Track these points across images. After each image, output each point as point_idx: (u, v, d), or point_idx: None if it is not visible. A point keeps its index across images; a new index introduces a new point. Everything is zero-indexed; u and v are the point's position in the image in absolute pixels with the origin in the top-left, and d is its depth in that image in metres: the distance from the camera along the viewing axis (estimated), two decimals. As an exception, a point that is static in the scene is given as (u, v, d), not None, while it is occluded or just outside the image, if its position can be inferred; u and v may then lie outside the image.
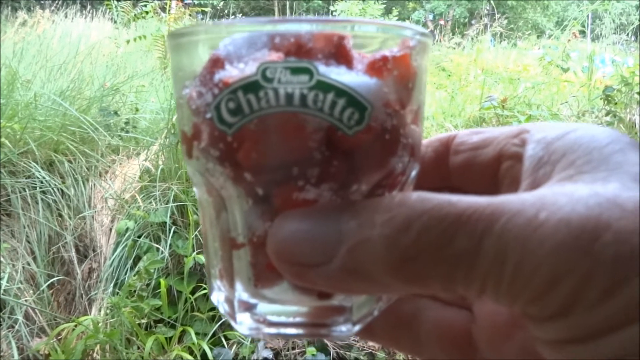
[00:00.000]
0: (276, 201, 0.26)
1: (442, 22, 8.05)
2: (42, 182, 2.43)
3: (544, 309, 0.22)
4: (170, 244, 2.22)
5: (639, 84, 3.08)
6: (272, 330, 0.29)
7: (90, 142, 2.76)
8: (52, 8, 6.13)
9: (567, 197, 0.22)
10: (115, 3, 5.57)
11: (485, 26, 7.37)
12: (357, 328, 0.29)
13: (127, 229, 2.29)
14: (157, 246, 2.25)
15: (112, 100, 3.23)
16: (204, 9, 6.01)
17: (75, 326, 1.96)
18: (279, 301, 0.29)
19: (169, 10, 4.80)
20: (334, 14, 8.80)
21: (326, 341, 1.98)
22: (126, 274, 2.24)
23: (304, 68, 0.24)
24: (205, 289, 2.09)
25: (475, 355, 0.31)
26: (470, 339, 0.31)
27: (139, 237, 2.30)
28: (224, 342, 2.01)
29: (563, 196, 0.22)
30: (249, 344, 1.96)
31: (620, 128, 3.01)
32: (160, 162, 2.59)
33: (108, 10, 6.11)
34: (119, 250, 2.29)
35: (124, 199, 2.54)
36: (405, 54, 0.26)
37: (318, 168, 0.25)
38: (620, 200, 0.21)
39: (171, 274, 2.20)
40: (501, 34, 7.35)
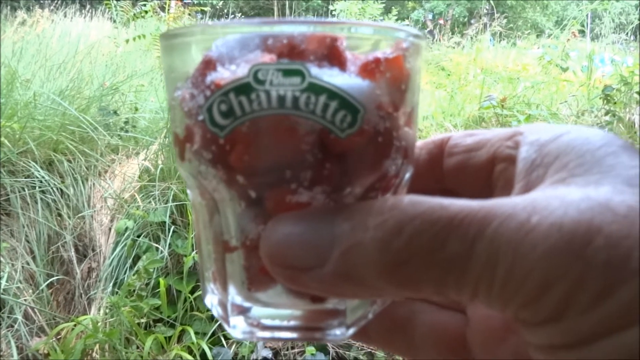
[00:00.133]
0: (269, 204, 0.26)
1: (441, 22, 8.05)
2: (41, 182, 2.43)
3: (536, 313, 0.22)
4: (169, 244, 2.22)
5: (638, 83, 3.07)
6: (266, 334, 0.29)
7: (89, 142, 2.76)
8: (52, 7, 6.12)
9: (559, 200, 0.22)
10: (115, 2, 5.57)
11: (485, 25, 7.36)
12: (351, 331, 0.29)
13: (126, 229, 2.29)
14: (157, 246, 2.25)
15: (111, 100, 3.23)
16: (203, 8, 6.00)
17: (75, 326, 1.96)
18: (272, 305, 0.28)
19: (168, 10, 4.80)
20: (333, 13, 8.80)
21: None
22: (125, 273, 2.24)
23: (296, 70, 0.23)
24: (204, 288, 2.09)
25: (469, 357, 0.31)
26: (465, 342, 0.31)
27: (138, 236, 2.29)
28: (224, 342, 2.01)
29: (555, 200, 0.22)
30: (248, 343, 1.96)
31: (620, 127, 3.01)
32: (159, 162, 2.59)
33: (107, 10, 6.11)
34: (118, 249, 2.29)
35: (123, 198, 2.54)
36: (398, 55, 0.26)
37: (311, 171, 0.25)
38: (612, 204, 0.21)
39: (170, 273, 2.20)
40: (500, 33, 7.35)
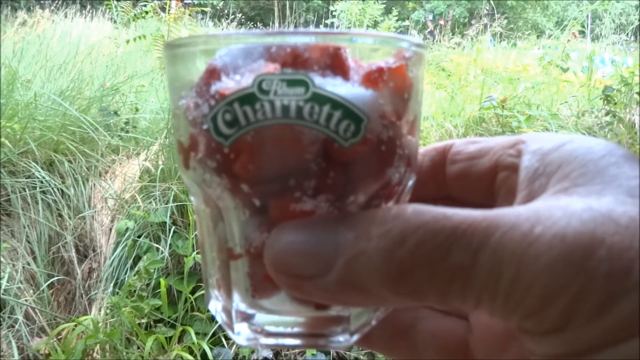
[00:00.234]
0: (273, 212, 0.26)
1: (441, 22, 8.05)
2: (42, 182, 2.43)
3: (539, 324, 0.22)
4: (170, 244, 2.22)
5: (638, 84, 3.07)
6: (270, 341, 0.29)
7: (90, 142, 2.76)
8: (52, 8, 6.13)
9: (561, 211, 0.22)
10: (115, 3, 5.57)
11: (485, 26, 7.36)
12: (355, 338, 0.29)
13: (127, 229, 2.29)
14: (157, 246, 2.25)
15: (112, 100, 3.23)
16: (203, 8, 6.00)
17: (75, 326, 1.96)
18: (276, 312, 0.29)
19: (168, 10, 4.80)
20: (333, 13, 8.79)
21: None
22: (126, 273, 2.24)
23: (300, 80, 0.24)
24: (205, 289, 2.09)
25: None
26: (467, 349, 0.31)
27: (139, 237, 2.30)
28: (224, 342, 2.01)
29: (558, 210, 0.22)
30: (248, 344, 1.96)
31: (620, 128, 3.01)
32: (160, 162, 2.59)
33: (108, 10, 6.11)
34: (118, 250, 2.30)
35: (123, 198, 2.54)
36: (401, 65, 0.26)
37: (315, 179, 0.25)
38: (615, 215, 0.21)
39: (171, 273, 2.21)
40: (501, 34, 7.35)
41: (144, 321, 2.02)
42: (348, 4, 7.96)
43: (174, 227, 2.29)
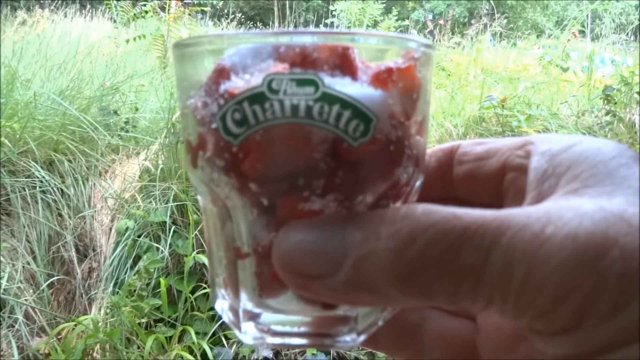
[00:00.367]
0: (281, 212, 0.26)
1: (441, 22, 8.04)
2: (41, 182, 2.43)
3: (550, 324, 0.22)
4: (170, 244, 2.22)
5: (638, 83, 3.08)
6: (277, 340, 0.29)
7: (90, 142, 2.76)
8: (52, 7, 6.12)
9: (573, 211, 0.22)
10: (115, 2, 5.57)
11: (485, 26, 7.36)
12: (361, 338, 0.29)
13: (127, 229, 2.29)
14: (157, 245, 2.25)
15: (111, 100, 3.23)
16: (203, 8, 6.00)
17: (75, 325, 1.96)
18: (283, 311, 0.29)
19: (168, 10, 4.80)
20: (333, 13, 8.79)
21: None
22: (126, 273, 2.24)
23: (310, 80, 0.24)
24: (205, 288, 2.09)
25: None
26: (474, 349, 0.31)
27: (139, 236, 2.30)
28: (224, 342, 2.01)
29: (569, 210, 0.22)
30: (248, 343, 1.96)
31: (620, 127, 3.02)
32: (160, 162, 2.59)
33: (107, 10, 6.11)
34: (118, 249, 2.30)
35: (123, 198, 2.54)
36: (410, 65, 0.26)
37: (323, 179, 0.25)
38: (627, 216, 0.21)
39: (171, 273, 2.21)
40: (501, 33, 7.35)
41: (144, 321, 2.01)
42: (348, 4, 7.96)
43: (174, 227, 2.29)
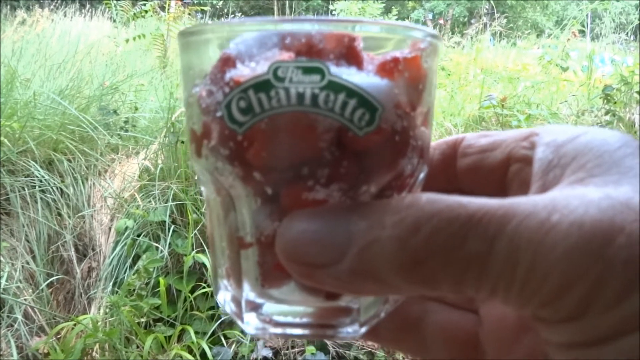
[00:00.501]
0: (285, 201, 0.26)
1: (441, 21, 8.05)
2: (41, 181, 2.43)
3: (556, 312, 0.22)
4: (169, 243, 2.22)
5: (638, 83, 3.08)
6: (278, 330, 0.29)
7: (89, 141, 2.76)
8: (51, 7, 6.11)
9: (579, 199, 0.22)
10: (115, 2, 5.57)
11: (485, 25, 7.36)
12: (363, 330, 0.29)
13: (126, 228, 2.29)
14: (157, 245, 2.25)
15: (111, 99, 3.23)
16: (203, 8, 6.00)
17: (75, 325, 1.96)
18: (285, 301, 0.28)
19: (168, 9, 4.80)
20: (333, 13, 8.79)
21: (326, 340, 1.98)
22: (125, 272, 2.23)
23: (316, 68, 0.23)
24: (204, 287, 2.09)
25: (481, 358, 0.31)
26: (476, 342, 0.31)
27: (138, 236, 2.29)
28: (224, 341, 2.01)
29: (575, 199, 0.22)
30: (248, 342, 1.96)
31: (620, 127, 3.02)
32: (159, 161, 2.59)
33: (107, 9, 6.11)
34: (118, 249, 2.29)
35: (123, 197, 2.53)
36: (416, 55, 0.26)
37: (328, 168, 0.25)
38: (633, 203, 0.21)
39: (170, 272, 2.20)
40: (501, 33, 7.35)
41: (143, 320, 2.01)
42: (347, 3, 7.97)
43: (173, 226, 2.29)
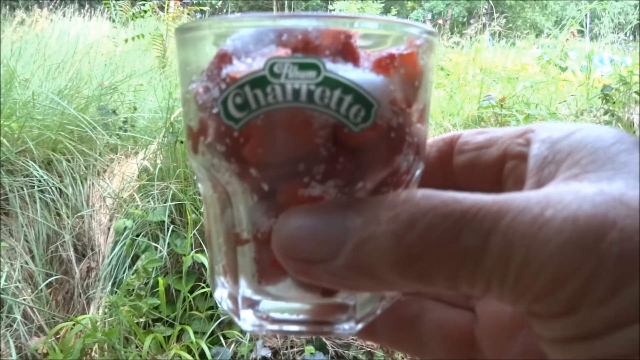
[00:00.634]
0: (281, 197, 0.26)
1: (440, 22, 8.06)
2: (40, 181, 2.43)
3: (549, 307, 0.22)
4: (168, 243, 2.22)
5: (637, 83, 3.08)
6: (275, 327, 0.29)
7: (88, 141, 2.75)
8: (50, 7, 6.10)
9: (572, 195, 0.22)
10: (114, 2, 5.57)
11: (484, 25, 7.36)
12: (359, 326, 0.29)
13: (125, 228, 2.29)
14: (156, 245, 2.25)
15: (110, 99, 3.22)
16: (202, 8, 6.00)
17: (74, 325, 1.96)
18: (282, 298, 0.29)
19: (167, 9, 4.80)
20: (332, 13, 8.78)
21: (325, 340, 1.98)
22: (124, 272, 2.23)
23: (312, 64, 0.24)
24: (203, 287, 2.09)
25: (477, 355, 0.31)
26: (472, 340, 0.31)
27: (137, 236, 2.29)
28: (223, 341, 2.01)
29: (569, 194, 0.22)
30: (247, 342, 1.96)
31: (619, 127, 3.01)
32: (158, 161, 2.58)
33: (106, 9, 6.11)
34: (117, 249, 2.29)
35: (122, 197, 2.53)
36: (412, 52, 0.26)
37: (324, 165, 0.25)
38: (626, 199, 0.21)
39: (169, 272, 2.20)
40: (500, 33, 7.35)
41: (142, 320, 2.01)
42: (347, 3, 7.96)
43: (172, 226, 2.29)
